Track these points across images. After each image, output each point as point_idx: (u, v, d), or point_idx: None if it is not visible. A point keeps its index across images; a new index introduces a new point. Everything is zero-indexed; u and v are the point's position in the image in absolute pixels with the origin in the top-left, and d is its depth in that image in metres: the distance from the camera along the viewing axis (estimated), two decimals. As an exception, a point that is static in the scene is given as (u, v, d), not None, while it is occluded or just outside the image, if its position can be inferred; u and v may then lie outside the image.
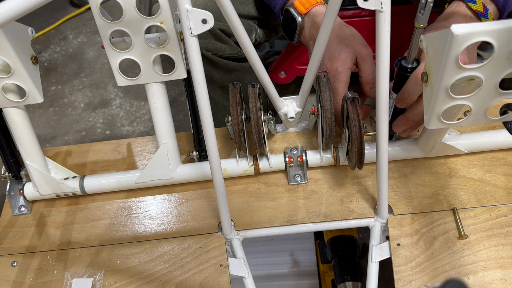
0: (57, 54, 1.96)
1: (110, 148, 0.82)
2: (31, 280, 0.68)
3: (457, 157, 0.71)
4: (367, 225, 0.68)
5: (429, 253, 0.63)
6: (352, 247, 0.91)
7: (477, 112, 0.51)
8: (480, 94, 0.48)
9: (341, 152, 0.70)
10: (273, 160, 0.71)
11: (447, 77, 0.46)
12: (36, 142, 0.69)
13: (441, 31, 0.45)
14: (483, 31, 0.42)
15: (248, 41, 0.58)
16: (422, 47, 0.51)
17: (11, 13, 0.38)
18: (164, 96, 0.66)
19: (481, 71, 0.46)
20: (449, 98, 0.49)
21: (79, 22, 2.11)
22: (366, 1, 0.48)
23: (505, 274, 0.60)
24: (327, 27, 0.57)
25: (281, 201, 0.71)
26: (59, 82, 1.85)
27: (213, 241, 0.68)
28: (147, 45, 0.59)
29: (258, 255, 1.08)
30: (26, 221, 0.74)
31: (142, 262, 0.67)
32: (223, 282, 0.64)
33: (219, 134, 0.79)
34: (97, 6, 0.55)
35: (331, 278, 1.00)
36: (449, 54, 0.44)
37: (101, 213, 0.73)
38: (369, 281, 0.62)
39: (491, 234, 0.63)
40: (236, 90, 0.64)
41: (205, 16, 0.47)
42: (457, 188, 0.68)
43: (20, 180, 0.74)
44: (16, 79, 0.60)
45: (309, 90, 0.69)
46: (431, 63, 0.49)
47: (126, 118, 1.70)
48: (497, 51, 0.44)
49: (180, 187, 0.74)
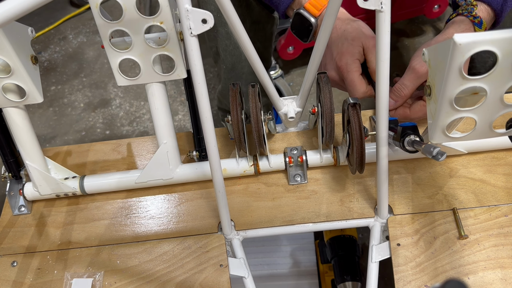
0: (57, 54, 1.96)
1: (110, 148, 0.81)
2: (31, 280, 0.68)
3: (457, 157, 0.71)
4: (367, 225, 0.68)
5: (429, 253, 0.63)
6: (352, 247, 0.91)
7: (482, 125, 0.50)
8: (485, 106, 0.47)
9: (341, 152, 0.70)
10: (273, 160, 0.71)
11: (451, 88, 0.45)
12: (36, 142, 0.69)
13: (443, 42, 0.44)
14: (487, 40, 0.41)
15: (248, 41, 0.58)
16: (424, 60, 0.50)
17: (11, 13, 0.38)
18: (164, 96, 0.66)
19: (485, 81, 0.44)
20: (453, 111, 0.48)
21: (79, 22, 2.11)
22: (366, 1, 0.48)
23: (505, 274, 0.60)
24: (327, 27, 0.57)
25: (281, 201, 0.71)
26: (59, 82, 1.85)
27: (213, 241, 0.68)
28: (147, 45, 0.59)
29: (258, 255, 1.08)
30: (26, 221, 0.74)
31: (142, 262, 0.67)
32: (223, 282, 0.64)
33: (219, 134, 0.79)
34: (97, 6, 0.55)
35: (331, 278, 1.00)
36: (452, 64, 0.43)
37: (101, 213, 0.73)
38: (369, 281, 0.62)
39: (491, 234, 0.63)
40: (236, 90, 0.64)
41: (205, 16, 0.47)
42: (457, 188, 0.68)
43: (20, 180, 0.74)
44: (16, 79, 0.60)
45: (309, 90, 0.69)
46: (434, 76, 0.48)
47: (126, 118, 1.70)
48: (501, 61, 0.43)
49: (180, 187, 0.74)
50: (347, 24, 0.73)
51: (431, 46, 0.49)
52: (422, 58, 0.51)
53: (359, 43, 0.71)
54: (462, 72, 0.43)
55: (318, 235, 1.08)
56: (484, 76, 0.44)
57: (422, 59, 0.52)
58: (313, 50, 0.62)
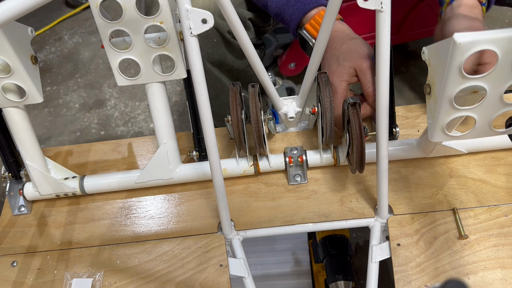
0: (52, 55, 1.96)
1: (110, 148, 0.81)
2: (31, 280, 0.68)
3: (457, 157, 0.71)
4: (367, 225, 0.68)
5: (429, 253, 0.63)
6: (343, 246, 0.91)
7: (481, 124, 0.50)
8: (485, 105, 0.47)
9: (341, 152, 0.70)
10: (273, 160, 0.71)
11: (451, 87, 0.45)
12: (36, 142, 0.69)
13: (443, 41, 0.44)
14: (486, 40, 0.41)
15: (248, 41, 0.58)
16: (424, 59, 0.50)
17: (11, 13, 0.38)
18: (164, 96, 0.66)
19: (485, 80, 0.45)
20: (453, 109, 0.48)
21: (74, 23, 2.11)
22: (366, 1, 0.48)
23: (505, 274, 0.60)
24: (326, 27, 0.57)
25: (281, 201, 0.71)
26: (54, 82, 1.85)
27: (213, 241, 0.68)
28: (147, 45, 0.59)
29: (252, 255, 1.08)
30: (26, 221, 0.74)
31: (142, 262, 0.67)
32: (223, 282, 0.64)
33: (219, 134, 0.79)
34: (97, 6, 0.55)
35: (324, 277, 1.00)
36: (452, 63, 0.43)
37: (101, 213, 0.73)
38: (369, 281, 0.62)
39: (491, 234, 0.63)
40: (236, 90, 0.64)
41: (205, 16, 0.47)
42: (457, 188, 0.68)
43: (20, 180, 0.74)
44: (16, 79, 0.60)
45: (309, 90, 0.69)
46: (433, 74, 0.48)
47: (121, 119, 1.69)
48: (501, 60, 0.43)
49: (180, 187, 0.74)
50: (342, 43, 0.72)
51: (431, 45, 0.49)
52: (422, 56, 0.51)
53: (350, 64, 0.70)
54: (462, 71, 0.44)
55: (311, 235, 1.08)
56: (484, 75, 0.44)
57: (422, 57, 0.51)
58: (313, 50, 0.62)
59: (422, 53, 0.50)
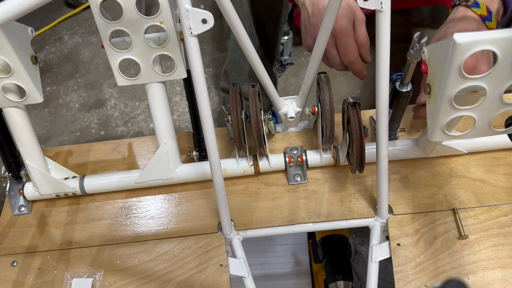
0: (52, 55, 1.96)
1: (110, 148, 0.81)
2: (31, 280, 0.68)
3: (457, 157, 0.71)
4: (367, 225, 0.68)
5: (429, 253, 0.63)
6: (343, 246, 0.91)
7: (481, 124, 0.50)
8: (484, 104, 0.47)
9: (341, 152, 0.70)
10: (273, 160, 0.71)
11: (451, 87, 0.45)
12: (36, 142, 0.69)
13: (444, 41, 0.45)
14: (486, 40, 0.41)
15: (248, 41, 0.58)
16: (424, 59, 0.51)
17: (11, 13, 0.38)
18: (164, 96, 0.66)
19: (484, 81, 0.45)
20: (452, 109, 0.48)
21: (74, 23, 2.11)
22: (366, 1, 0.48)
23: (505, 274, 0.60)
24: (327, 27, 0.57)
25: (281, 201, 0.71)
26: (54, 82, 1.85)
27: (213, 241, 0.68)
28: (147, 45, 0.59)
29: (251, 255, 1.08)
30: (26, 221, 0.74)
31: (142, 262, 0.67)
32: (223, 282, 0.64)
33: (219, 134, 0.79)
34: (97, 6, 0.55)
35: (324, 277, 1.00)
36: (452, 63, 0.43)
37: (101, 213, 0.73)
38: (369, 281, 0.62)
39: (491, 234, 0.63)
40: (236, 90, 0.64)
41: (205, 16, 0.47)
42: (457, 188, 0.68)
43: (20, 180, 0.74)
44: (16, 79, 0.60)
45: (309, 90, 0.69)
46: (434, 74, 0.49)
47: (121, 119, 1.69)
48: (501, 60, 0.43)
49: (180, 187, 0.74)
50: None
51: (431, 44, 0.49)
52: (422, 56, 0.51)
53: (352, 10, 0.70)
54: (462, 71, 0.44)
55: (311, 235, 1.08)
56: (484, 75, 0.44)
57: (422, 57, 0.51)
58: (313, 51, 0.62)
59: (422, 53, 0.50)
